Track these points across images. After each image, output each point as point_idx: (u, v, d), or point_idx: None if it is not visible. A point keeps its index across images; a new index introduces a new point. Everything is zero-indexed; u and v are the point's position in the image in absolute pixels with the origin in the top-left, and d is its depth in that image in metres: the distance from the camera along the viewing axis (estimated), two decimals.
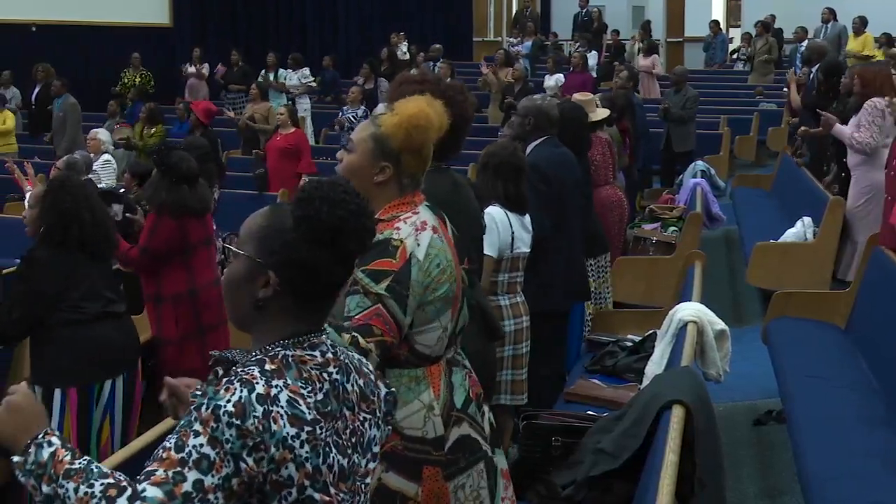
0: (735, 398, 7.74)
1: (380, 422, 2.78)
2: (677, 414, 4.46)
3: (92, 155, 12.80)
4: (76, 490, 2.46)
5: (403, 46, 23.90)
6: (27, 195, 7.73)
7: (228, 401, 2.43)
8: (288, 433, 2.45)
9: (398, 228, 3.69)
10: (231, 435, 2.40)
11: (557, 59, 20.34)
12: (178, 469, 2.39)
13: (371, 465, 2.74)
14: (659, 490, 3.70)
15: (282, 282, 2.60)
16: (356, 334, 3.47)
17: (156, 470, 2.41)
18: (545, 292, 6.60)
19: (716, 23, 27.13)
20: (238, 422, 2.41)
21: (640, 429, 4.72)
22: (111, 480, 2.46)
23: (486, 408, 4.06)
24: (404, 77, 4.92)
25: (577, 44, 23.27)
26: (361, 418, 2.69)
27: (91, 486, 2.45)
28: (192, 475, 2.39)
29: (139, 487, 2.39)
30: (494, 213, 5.89)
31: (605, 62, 22.72)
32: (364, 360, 2.85)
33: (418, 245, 3.69)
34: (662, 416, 4.59)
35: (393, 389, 2.91)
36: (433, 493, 3.74)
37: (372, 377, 2.80)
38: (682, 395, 4.59)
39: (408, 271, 3.64)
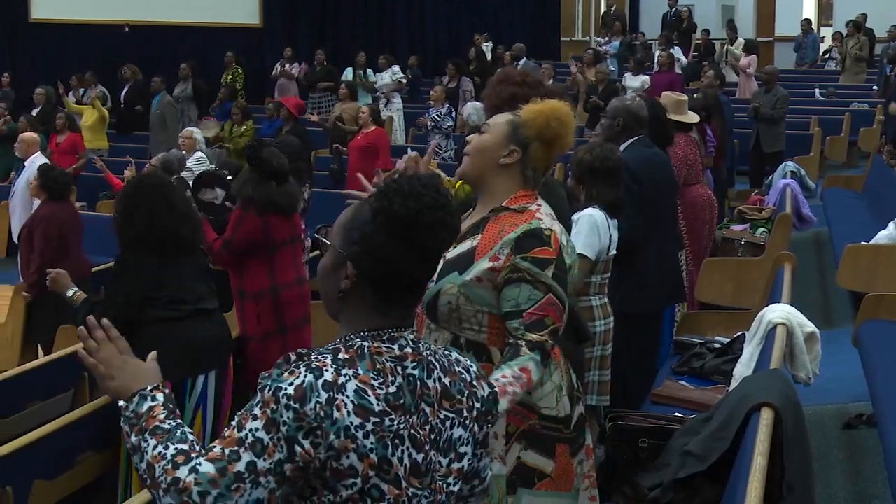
0: (824, 401, 7.65)
1: (468, 422, 2.77)
2: (766, 417, 4.42)
3: (185, 152, 12.97)
4: (154, 447, 2.56)
5: (487, 46, 23.88)
6: None
7: (291, 384, 2.48)
8: (352, 423, 2.49)
9: (540, 218, 3.86)
10: (288, 417, 2.46)
11: (640, 59, 20.21)
12: (235, 448, 2.47)
13: (455, 465, 2.73)
14: (747, 494, 3.68)
15: (360, 273, 2.64)
16: (526, 331, 3.69)
17: (215, 446, 2.50)
18: (640, 293, 6.58)
19: (807, 22, 26.84)
20: (297, 405, 2.46)
21: (727, 431, 4.69)
22: (185, 447, 2.54)
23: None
24: (505, 75, 4.97)
25: (664, 42, 23.11)
26: (442, 416, 2.70)
27: (166, 447, 2.54)
28: (246, 456, 2.46)
29: (198, 460, 2.48)
30: (596, 216, 5.86)
31: (694, 61, 22.56)
32: (463, 360, 2.85)
33: (562, 232, 3.89)
34: (751, 418, 4.56)
35: (496, 389, 2.92)
36: (563, 470, 3.90)
37: (467, 377, 2.80)
38: (770, 398, 4.56)
39: (562, 257, 3.81)
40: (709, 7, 29.53)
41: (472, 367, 2.86)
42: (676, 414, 5.85)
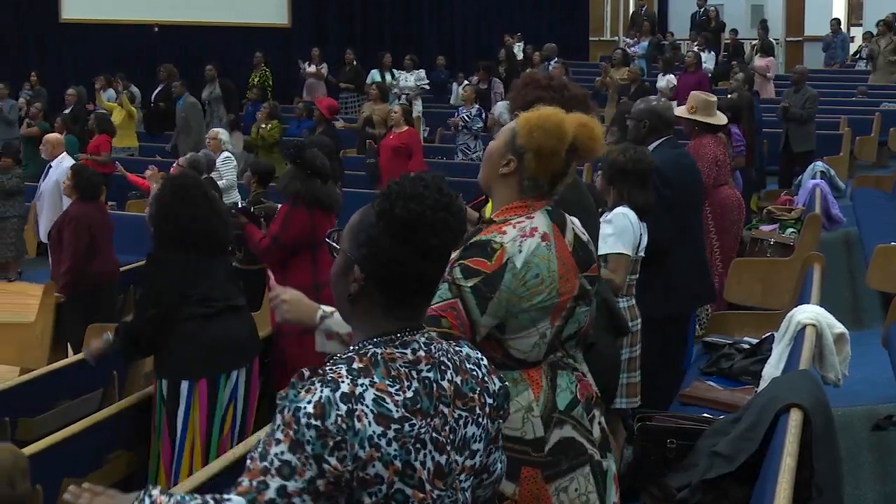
0: (854, 402, 7.61)
1: (481, 418, 2.77)
2: (795, 418, 4.41)
3: (212, 153, 13.02)
4: None
5: (518, 46, 23.87)
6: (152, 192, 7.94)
7: (308, 402, 2.49)
8: (374, 432, 2.50)
9: (504, 232, 3.68)
10: (311, 436, 2.46)
11: (668, 60, 20.17)
12: (262, 478, 2.47)
13: (469, 463, 2.75)
14: (776, 495, 3.67)
15: (367, 276, 2.65)
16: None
17: (242, 481, 2.49)
18: (669, 296, 6.57)
19: (836, 21, 26.71)
20: (317, 423, 2.46)
21: (756, 432, 4.68)
22: (207, 498, 2.55)
23: (597, 411, 3.96)
24: (530, 78, 4.93)
25: (694, 43, 23.05)
26: (456, 415, 2.71)
27: None
28: (274, 483, 2.46)
29: (228, 498, 2.49)
30: (629, 215, 5.86)
31: (723, 62, 22.49)
32: (473, 355, 2.86)
33: (519, 251, 3.66)
34: (779, 419, 4.55)
35: (507, 383, 2.92)
36: (532, 494, 3.69)
37: (478, 373, 2.81)
38: (799, 399, 4.55)
39: (500, 276, 3.61)
40: (738, 7, 29.41)
41: (482, 360, 2.87)
42: (705, 415, 5.83)
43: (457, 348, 2.83)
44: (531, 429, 3.71)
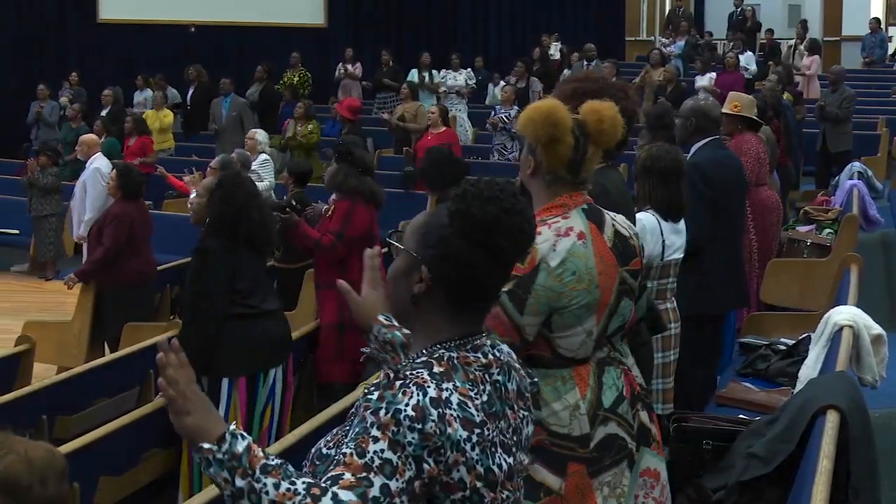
0: (891, 404, 7.56)
1: (532, 416, 2.80)
2: (831, 420, 4.39)
3: (248, 154, 13.05)
4: (277, 486, 2.42)
5: (554, 46, 23.83)
6: (191, 194, 7.97)
7: (407, 404, 2.46)
8: (461, 436, 2.48)
9: (539, 233, 3.69)
10: (414, 438, 2.43)
11: (706, 60, 20.10)
12: (364, 474, 2.41)
13: (526, 461, 2.77)
14: (812, 497, 3.65)
15: (435, 277, 2.63)
16: None
17: (342, 474, 2.42)
18: (705, 294, 6.54)
19: (875, 21, 26.54)
20: (419, 426, 2.43)
21: (792, 434, 4.66)
22: (310, 480, 2.45)
23: (640, 404, 4.04)
24: (567, 76, 4.95)
25: (731, 43, 22.95)
26: (520, 416, 2.72)
27: (293, 483, 2.43)
28: (378, 480, 2.41)
29: (335, 490, 2.40)
30: (645, 221, 5.78)
31: (759, 61, 22.40)
32: (514, 355, 2.86)
33: (554, 251, 3.74)
34: (816, 421, 4.53)
35: (536, 379, 2.93)
36: (577, 489, 3.78)
37: (523, 372, 2.82)
38: (836, 401, 4.52)
39: (533, 277, 3.70)
40: (775, 6, 29.32)
41: (518, 360, 2.87)
42: (741, 416, 5.81)
43: (508, 350, 2.83)
44: (578, 426, 3.79)
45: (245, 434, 2.52)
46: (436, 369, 2.56)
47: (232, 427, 2.51)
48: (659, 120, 7.25)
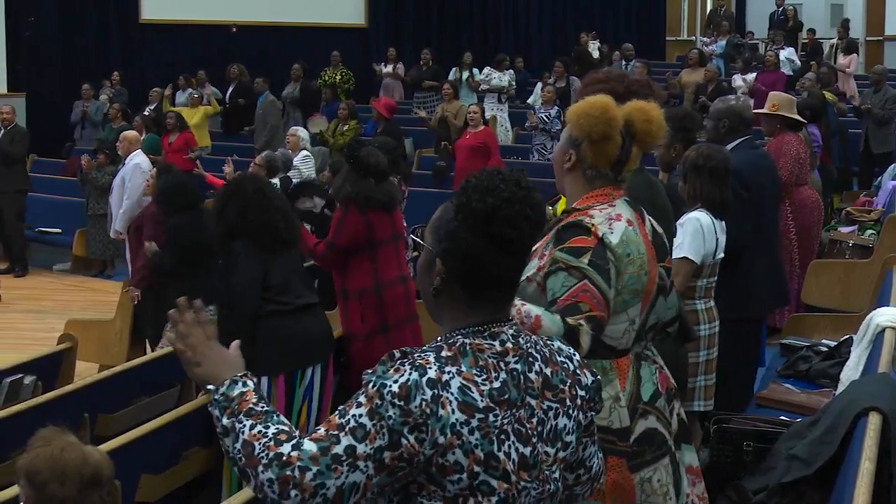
0: None
1: (572, 410, 2.78)
2: (874, 422, 4.37)
3: (291, 151, 13.09)
4: (252, 427, 2.59)
5: (593, 45, 23.78)
6: None
7: (395, 381, 2.53)
8: (457, 419, 2.52)
9: (591, 216, 3.76)
10: (394, 413, 2.50)
11: (747, 60, 20.02)
12: (336, 432, 2.51)
13: (561, 454, 2.75)
14: (854, 499, 3.64)
15: (448, 270, 2.68)
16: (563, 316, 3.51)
17: (319, 428, 2.55)
18: (745, 297, 6.52)
19: None
20: (401, 403, 2.50)
21: (834, 436, 4.64)
22: (285, 427, 2.60)
23: (676, 403, 4.04)
24: (590, 77, 4.95)
25: (772, 43, 22.84)
26: (545, 407, 2.71)
27: (266, 426, 2.58)
28: (346, 440, 2.50)
29: (301, 439, 2.53)
30: (702, 219, 5.78)
31: (801, 61, 22.29)
32: (566, 349, 2.87)
33: (611, 231, 3.74)
34: (858, 423, 4.50)
35: (599, 378, 2.93)
36: (617, 484, 3.74)
37: (569, 366, 2.82)
38: (878, 403, 4.50)
39: (603, 248, 3.69)
40: (817, 6, 29.15)
41: (574, 355, 2.88)
42: (782, 417, 5.79)
43: (548, 341, 2.84)
44: (618, 418, 3.77)
45: (250, 382, 2.71)
46: (443, 353, 2.62)
47: (240, 375, 2.71)
48: (681, 122, 7.25)
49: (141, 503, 5.71)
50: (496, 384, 2.61)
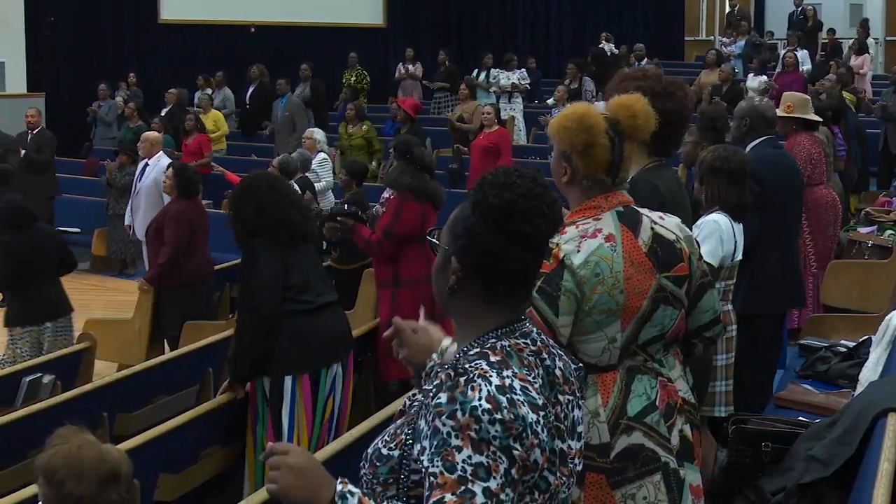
0: None
1: (580, 400, 2.79)
2: (892, 423, 4.36)
3: (308, 153, 13.11)
4: None
5: (608, 46, 23.74)
6: None
7: (480, 398, 2.45)
8: (532, 418, 2.49)
9: (563, 232, 3.66)
10: (497, 430, 2.43)
11: (764, 60, 19.98)
12: (463, 488, 2.40)
13: (577, 446, 2.75)
14: (873, 500, 3.63)
15: (465, 267, 2.67)
16: None
17: (443, 497, 2.41)
18: (759, 294, 6.51)
19: None
20: (498, 416, 2.43)
21: (853, 437, 4.63)
22: None
23: (679, 418, 3.85)
24: (626, 74, 4.92)
25: (787, 43, 22.79)
26: (566, 401, 2.72)
27: None
28: (477, 487, 2.40)
29: None
30: (721, 222, 5.74)
31: (821, 61, 22.23)
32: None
33: (578, 251, 3.64)
34: (877, 424, 4.49)
35: (581, 365, 2.91)
36: (597, 500, 3.65)
37: (566, 359, 2.82)
38: None
39: (560, 274, 3.61)
40: (836, 5, 29.04)
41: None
42: (800, 418, 5.77)
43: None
44: (596, 434, 3.67)
45: (352, 489, 2.54)
46: (492, 359, 2.57)
47: (339, 487, 2.53)
48: (711, 122, 7.25)
49: (159, 502, 5.73)
50: (539, 381, 2.61)
